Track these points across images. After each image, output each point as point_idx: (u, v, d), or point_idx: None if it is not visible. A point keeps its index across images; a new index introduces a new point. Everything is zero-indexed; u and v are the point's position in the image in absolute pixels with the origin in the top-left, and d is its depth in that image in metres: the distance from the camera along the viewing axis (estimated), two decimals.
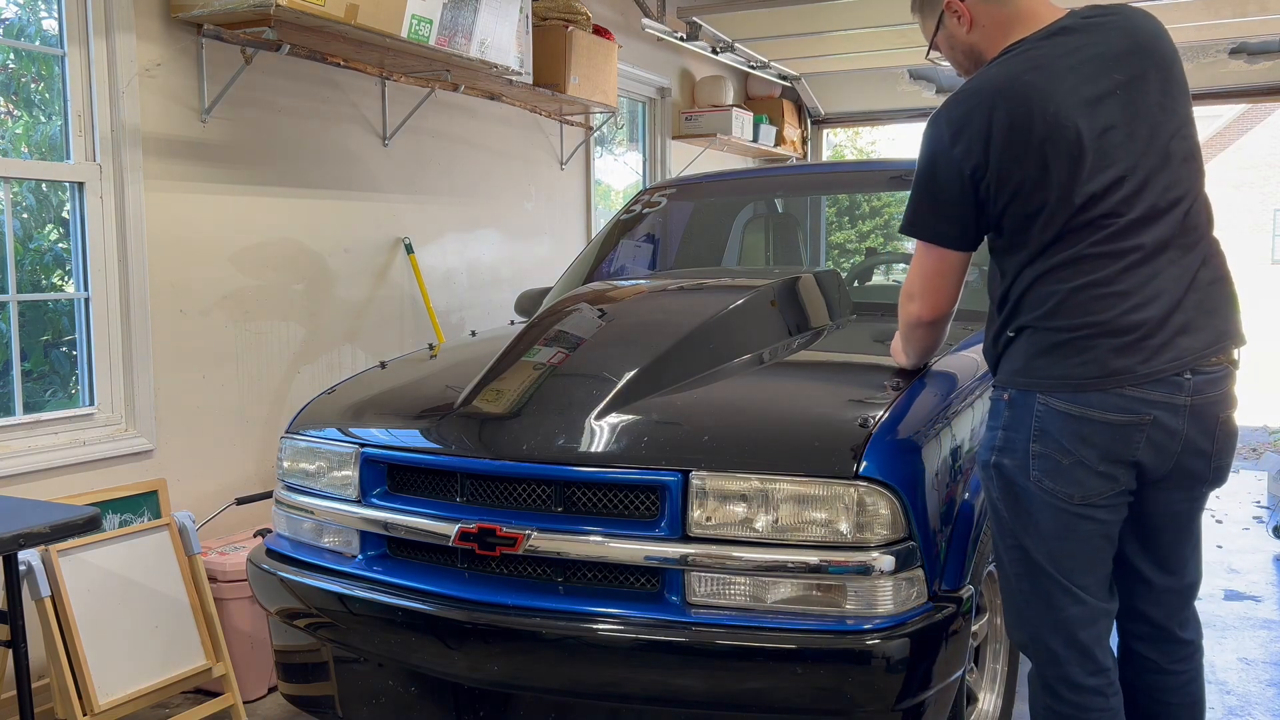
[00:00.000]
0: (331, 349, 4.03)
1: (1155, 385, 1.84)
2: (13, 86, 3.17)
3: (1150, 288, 1.84)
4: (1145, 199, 1.84)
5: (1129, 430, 1.85)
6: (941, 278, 2.04)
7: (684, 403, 2.29)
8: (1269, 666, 3.43)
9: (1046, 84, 1.85)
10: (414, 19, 3.58)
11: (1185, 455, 1.89)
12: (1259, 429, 8.25)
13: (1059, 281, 1.87)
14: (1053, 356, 1.89)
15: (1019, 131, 1.84)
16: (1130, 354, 1.84)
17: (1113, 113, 1.85)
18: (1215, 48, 6.49)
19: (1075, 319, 1.86)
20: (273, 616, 2.56)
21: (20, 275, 3.13)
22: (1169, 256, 1.85)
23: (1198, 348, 1.86)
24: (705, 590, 2.06)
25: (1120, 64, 1.87)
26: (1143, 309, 1.83)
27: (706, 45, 6.28)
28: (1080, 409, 1.86)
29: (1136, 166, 1.84)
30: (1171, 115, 1.89)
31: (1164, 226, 1.86)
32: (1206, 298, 1.88)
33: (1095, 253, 1.85)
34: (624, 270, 3.81)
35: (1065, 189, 1.84)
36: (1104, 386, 1.85)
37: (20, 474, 2.96)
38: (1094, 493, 1.89)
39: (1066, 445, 1.88)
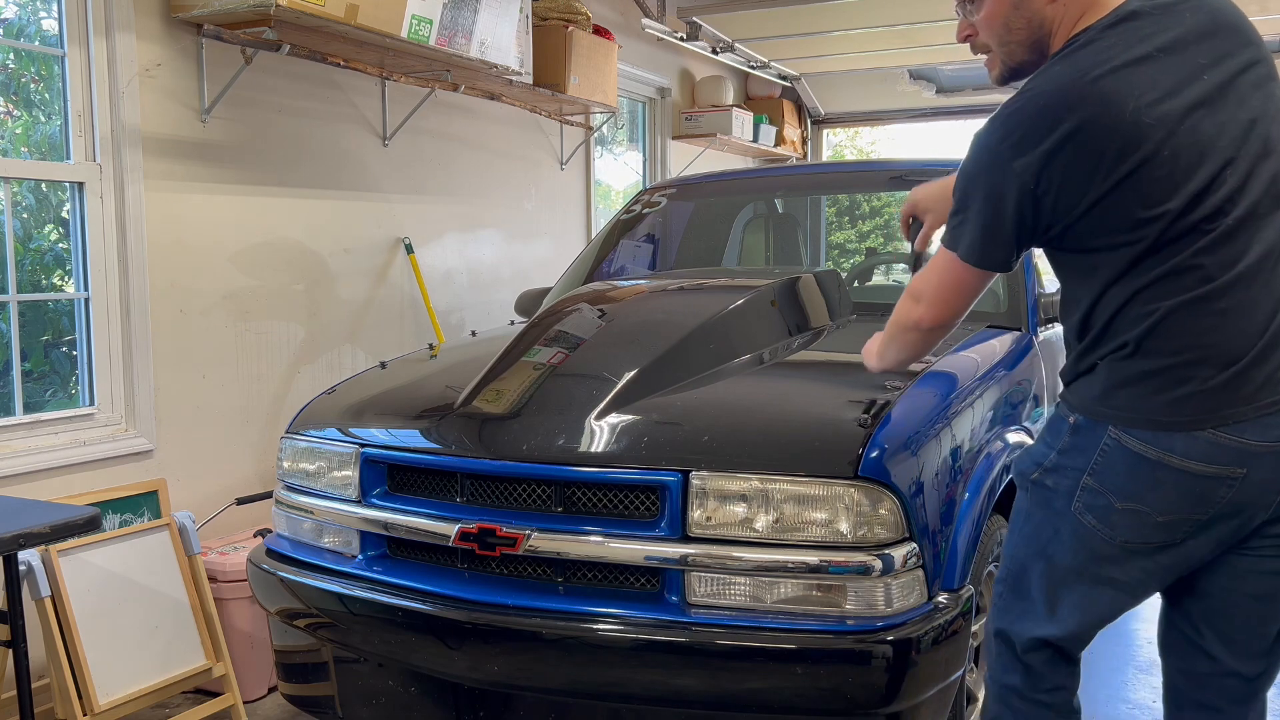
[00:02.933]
0: (331, 349, 4.03)
1: (1259, 429, 1.55)
2: (13, 86, 3.17)
3: (1262, 303, 1.56)
4: (1250, 194, 1.57)
5: (1212, 484, 1.56)
6: (960, 291, 1.78)
7: (684, 403, 2.29)
8: None
9: (1120, 83, 1.58)
10: (414, 19, 3.58)
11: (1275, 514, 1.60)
12: None
13: (1155, 299, 1.59)
14: (1139, 388, 1.61)
15: (1095, 141, 1.57)
16: (1231, 389, 1.55)
17: (1201, 99, 1.58)
18: None
19: (1174, 343, 1.58)
20: (273, 616, 2.56)
21: (20, 275, 3.13)
22: (1274, 267, 1.58)
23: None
24: (705, 590, 2.06)
25: (1202, 46, 1.61)
26: (1252, 332, 1.55)
27: (706, 45, 6.28)
28: (1159, 452, 1.58)
29: (1237, 157, 1.57)
30: (1270, 100, 1.62)
31: (1275, 226, 1.58)
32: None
33: (1199, 263, 1.56)
34: (624, 270, 3.81)
35: (1157, 195, 1.57)
36: (1194, 427, 1.56)
37: (20, 474, 2.96)
38: (1140, 539, 1.63)
39: (1129, 489, 1.62)
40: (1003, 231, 1.67)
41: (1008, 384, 2.71)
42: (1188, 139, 1.56)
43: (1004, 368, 2.74)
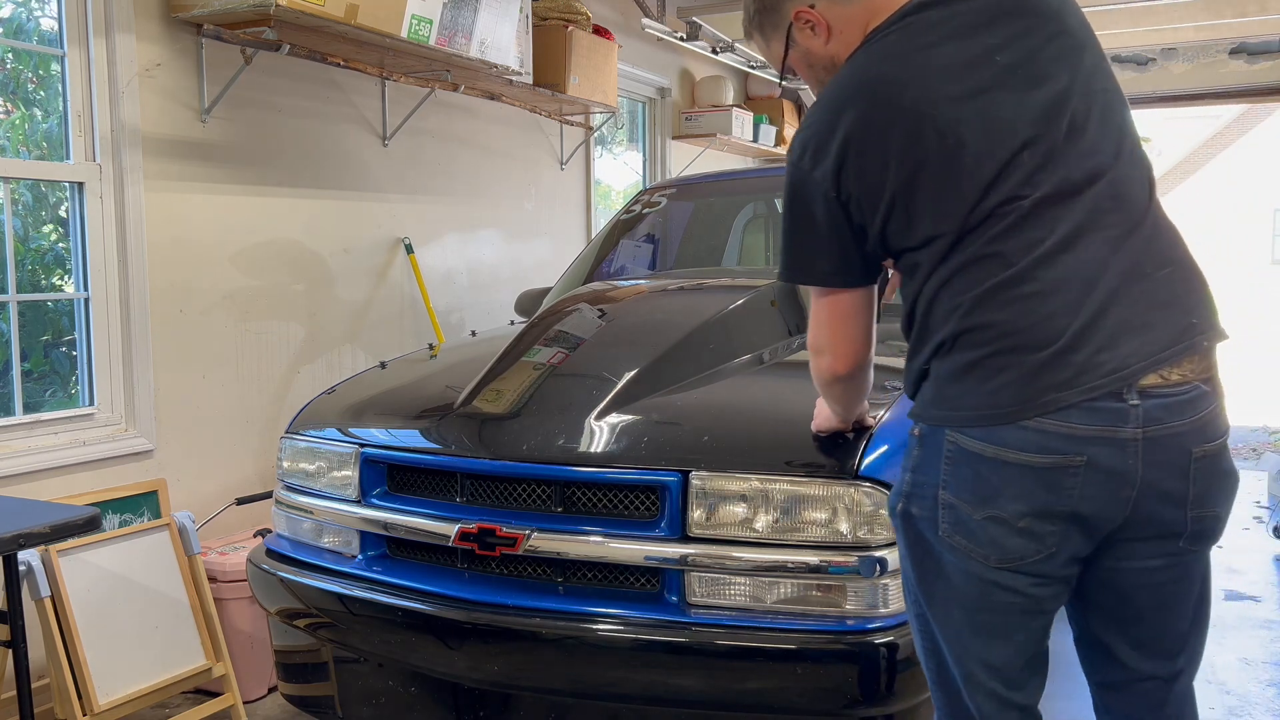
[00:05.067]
0: (331, 349, 4.03)
1: (1087, 414, 1.42)
2: (11, 86, 3.17)
3: (1073, 283, 1.45)
4: (1054, 173, 1.47)
5: (1055, 475, 1.44)
6: (845, 322, 1.66)
7: (684, 403, 2.29)
8: (1269, 667, 3.43)
9: (901, 71, 1.52)
10: (414, 19, 3.58)
11: (1147, 502, 1.46)
12: (1259, 429, 8.25)
13: (962, 291, 1.50)
14: (963, 384, 1.50)
15: (876, 134, 1.51)
16: (1049, 372, 1.43)
17: (992, 82, 1.49)
18: (1215, 48, 6.50)
19: (985, 332, 1.48)
20: (273, 616, 2.56)
21: (20, 275, 3.13)
22: (1095, 240, 1.46)
23: (1147, 353, 1.43)
24: (705, 590, 2.06)
25: (995, 28, 1.52)
26: (1065, 312, 1.44)
27: (706, 45, 6.28)
28: (995, 448, 1.46)
29: (1036, 137, 1.47)
30: (1074, 72, 1.51)
31: (1084, 204, 1.47)
32: (1156, 288, 1.46)
33: (998, 250, 1.48)
34: (624, 270, 3.81)
35: (949, 183, 1.49)
36: (1019, 417, 1.44)
37: (20, 474, 2.96)
38: (1014, 556, 1.48)
39: (982, 494, 1.48)
40: (823, 242, 1.60)
41: None
42: (977, 124, 1.48)
43: None
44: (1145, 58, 6.70)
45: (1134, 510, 1.46)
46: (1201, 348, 1.46)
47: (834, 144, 1.53)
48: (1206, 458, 1.47)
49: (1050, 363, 1.43)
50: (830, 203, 1.57)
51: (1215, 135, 22.20)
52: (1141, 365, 1.42)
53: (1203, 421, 1.46)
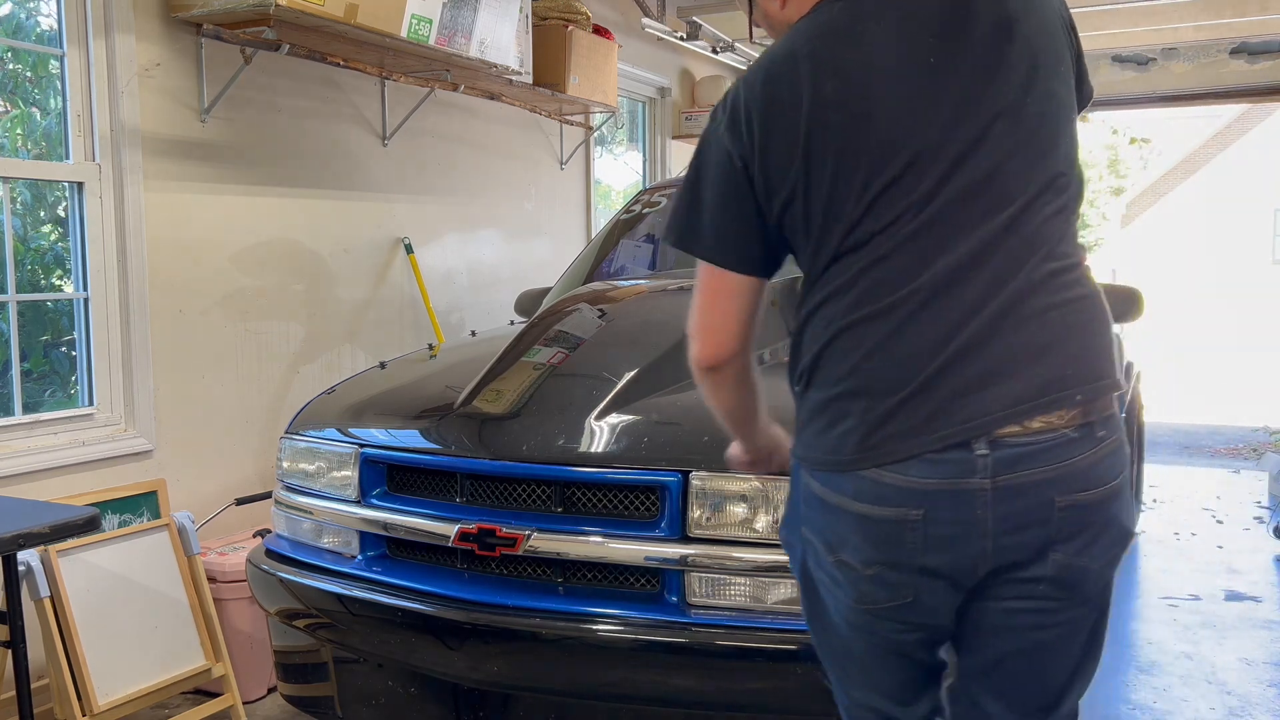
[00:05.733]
0: (331, 349, 4.03)
1: (928, 466, 1.31)
2: (10, 85, 3.17)
3: (940, 324, 1.32)
4: (948, 194, 1.33)
5: (894, 528, 1.33)
6: (719, 303, 1.47)
7: (684, 403, 2.28)
8: (1269, 667, 3.43)
9: (826, 51, 1.37)
10: (414, 19, 3.58)
11: (1005, 552, 1.33)
12: (1259, 429, 8.25)
13: (828, 321, 1.39)
14: (814, 424, 1.41)
15: (789, 111, 1.36)
16: (894, 420, 1.32)
17: (916, 84, 1.35)
18: (1215, 48, 6.49)
19: (837, 370, 1.37)
20: (272, 617, 2.55)
21: (20, 275, 3.13)
22: (979, 277, 1.32)
23: (1007, 402, 1.30)
24: (705, 591, 2.05)
25: (943, 24, 1.36)
26: (925, 353, 1.31)
27: (706, 45, 6.27)
28: (837, 496, 1.38)
29: (938, 153, 1.33)
30: (1006, 85, 1.35)
31: (980, 236, 1.32)
32: (1035, 332, 1.32)
33: (873, 277, 1.34)
34: (624, 270, 3.81)
35: (837, 189, 1.36)
36: (858, 467, 1.34)
37: (20, 474, 2.96)
38: (869, 601, 1.39)
39: (831, 539, 1.40)
40: (730, 221, 1.44)
41: None
42: (890, 126, 1.34)
43: None
44: (1145, 58, 6.70)
45: (996, 558, 1.34)
46: (1074, 401, 1.31)
47: (752, 111, 1.40)
48: (1076, 507, 1.32)
49: (896, 410, 1.32)
50: (735, 171, 1.42)
51: (1215, 135, 22.19)
52: (999, 415, 1.30)
53: (1070, 469, 1.32)
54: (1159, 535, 5.11)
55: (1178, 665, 3.44)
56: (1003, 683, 1.45)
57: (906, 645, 1.43)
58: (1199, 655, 3.53)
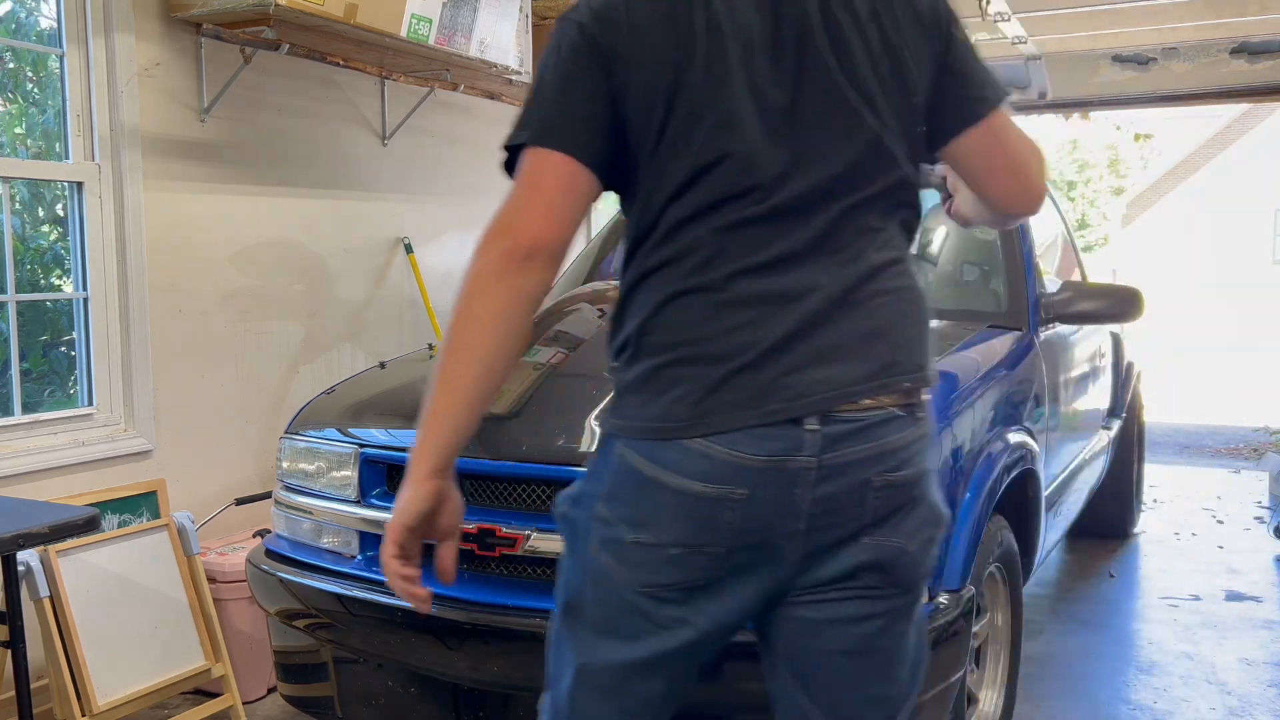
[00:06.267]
0: (331, 349, 4.03)
1: (757, 440, 1.25)
2: (10, 84, 3.16)
3: (775, 300, 1.27)
4: (800, 177, 1.29)
5: (712, 506, 1.26)
6: (544, 192, 1.29)
7: None
8: (1270, 667, 3.43)
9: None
10: (413, 18, 3.57)
11: (817, 535, 1.29)
12: (1259, 429, 8.25)
13: (659, 286, 1.31)
14: (642, 392, 1.31)
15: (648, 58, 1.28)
16: (727, 390, 1.26)
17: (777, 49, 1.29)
18: (1216, 48, 6.49)
19: (666, 339, 1.29)
20: (272, 617, 2.55)
21: (19, 275, 3.13)
22: (815, 261, 1.29)
23: (839, 383, 1.27)
24: None
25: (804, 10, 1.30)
26: (759, 328, 1.26)
27: None
28: (655, 469, 1.28)
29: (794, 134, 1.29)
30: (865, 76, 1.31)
31: (817, 222, 1.29)
32: (865, 317, 1.30)
33: (711, 249, 1.28)
34: None
35: (682, 143, 1.28)
36: (685, 435, 1.26)
37: (19, 474, 2.96)
38: (658, 581, 1.31)
39: (636, 515, 1.31)
40: (579, 106, 1.29)
41: (1009, 384, 2.71)
42: (739, 88, 1.27)
43: (1005, 368, 2.73)
44: (1146, 57, 6.69)
45: (807, 543, 1.29)
46: (901, 388, 1.30)
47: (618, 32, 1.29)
48: (890, 486, 1.30)
49: (729, 379, 1.26)
50: (589, 50, 1.29)
51: (1215, 135, 22.20)
52: (831, 394, 1.26)
53: (889, 447, 1.29)
54: (1159, 535, 5.11)
55: (1178, 665, 3.44)
56: (827, 690, 1.37)
57: (678, 648, 1.34)
58: (1199, 655, 3.52)
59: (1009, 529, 2.56)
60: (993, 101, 1.40)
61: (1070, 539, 4.83)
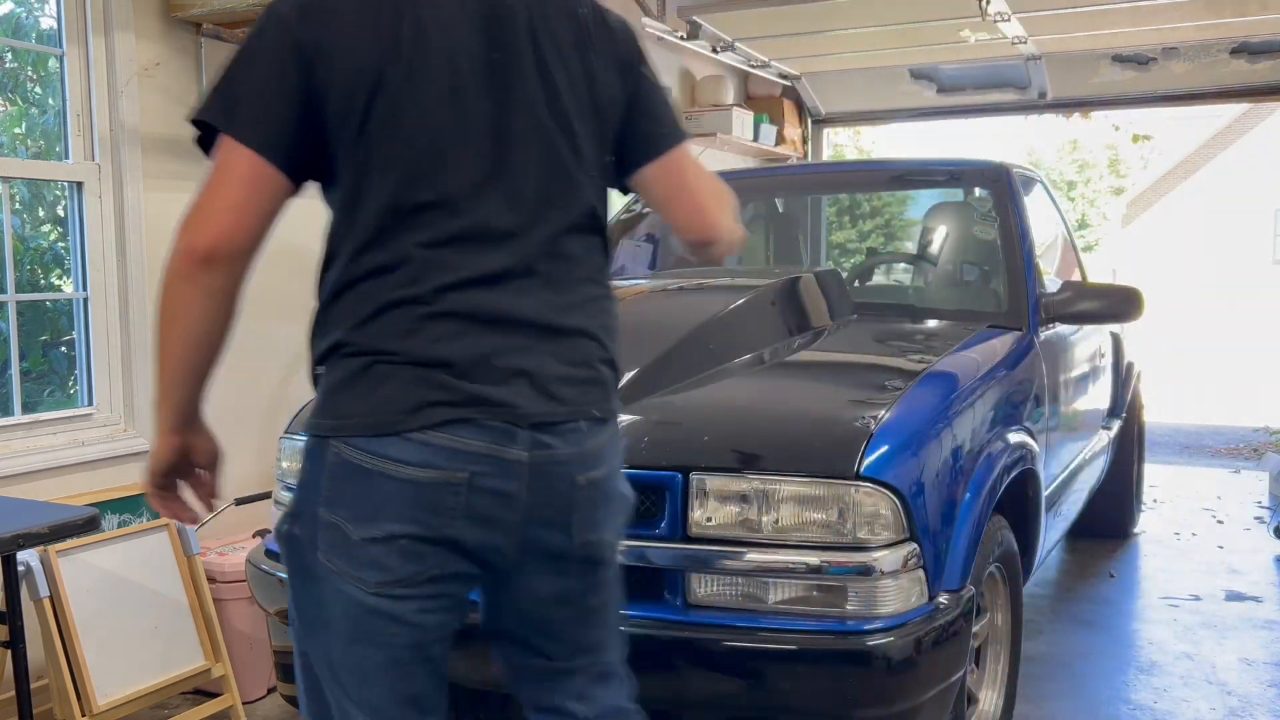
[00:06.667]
0: None
1: (476, 430, 1.33)
2: (10, 84, 3.16)
3: (486, 316, 1.35)
4: (503, 197, 1.36)
5: (437, 492, 1.33)
6: (233, 190, 1.31)
7: (684, 403, 2.28)
8: (1270, 667, 3.43)
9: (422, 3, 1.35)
10: None
11: (533, 528, 1.39)
12: (1259, 429, 8.25)
13: (367, 297, 1.35)
14: (352, 390, 1.35)
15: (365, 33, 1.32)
16: (441, 389, 1.32)
17: (485, 69, 1.36)
18: (1216, 48, 6.49)
19: (380, 343, 1.34)
20: (272, 617, 2.55)
21: (19, 274, 3.13)
22: (525, 281, 1.38)
23: (544, 392, 1.38)
24: (706, 590, 2.05)
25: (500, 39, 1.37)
26: (470, 338, 1.34)
27: (706, 45, 6.27)
28: (378, 461, 1.33)
29: (496, 154, 1.37)
30: (566, 104, 1.40)
31: (527, 239, 1.38)
32: (572, 346, 1.42)
33: (419, 265, 1.33)
34: (624, 270, 3.80)
35: (393, 142, 1.32)
36: (405, 428, 1.32)
37: (19, 474, 2.96)
38: (394, 578, 1.34)
39: (361, 511, 1.34)
40: (271, 100, 1.31)
41: (1009, 384, 2.71)
42: (443, 100, 1.33)
43: (1005, 368, 2.74)
44: (1145, 58, 6.69)
45: (522, 535, 1.39)
46: (601, 398, 1.44)
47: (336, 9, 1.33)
48: (591, 485, 1.43)
49: (444, 382, 1.32)
50: (297, 65, 1.31)
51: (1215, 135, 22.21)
52: (540, 401, 1.37)
53: (589, 451, 1.42)
54: (1159, 535, 5.11)
55: (1178, 665, 3.44)
56: (541, 645, 1.52)
57: (420, 631, 1.38)
58: (1199, 655, 3.52)
59: (1009, 529, 2.56)
60: (674, 139, 1.52)
61: (1070, 539, 4.83)
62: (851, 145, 16.01)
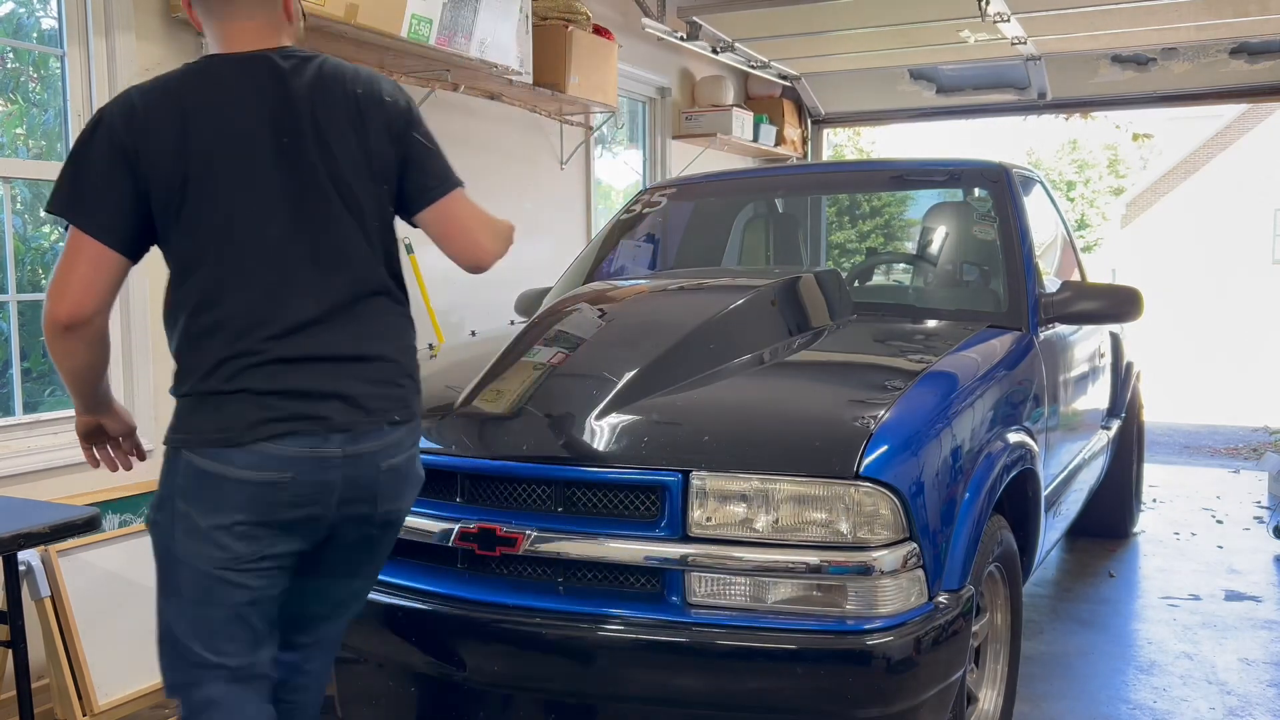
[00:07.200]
0: None
1: (297, 441, 1.70)
2: (11, 84, 3.17)
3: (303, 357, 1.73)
4: (302, 257, 1.74)
5: (269, 490, 1.70)
6: (78, 270, 1.68)
7: (684, 403, 2.28)
8: (1270, 667, 3.43)
9: (204, 103, 1.72)
10: (414, 18, 3.58)
11: (347, 505, 1.78)
12: (1259, 429, 8.26)
13: (212, 350, 1.72)
14: (201, 412, 1.72)
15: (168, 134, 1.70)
16: (268, 410, 1.70)
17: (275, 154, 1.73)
18: (1215, 48, 6.49)
19: (222, 384, 1.70)
20: None
21: (20, 274, 3.13)
22: (333, 323, 1.75)
23: (347, 403, 1.75)
24: (706, 590, 2.06)
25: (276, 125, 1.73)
26: (293, 373, 1.72)
27: (706, 45, 6.27)
28: (221, 467, 1.69)
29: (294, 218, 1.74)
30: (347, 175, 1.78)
31: (329, 292, 1.76)
32: (375, 369, 1.79)
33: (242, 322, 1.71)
34: (624, 270, 3.81)
35: (202, 222, 1.71)
36: (244, 442, 1.68)
37: (20, 474, 2.96)
38: (233, 556, 1.72)
39: (208, 505, 1.71)
40: (93, 178, 1.68)
41: (1008, 384, 2.71)
42: (243, 184, 1.72)
43: (1004, 368, 2.74)
44: (1145, 58, 6.70)
45: (338, 510, 1.77)
46: (396, 407, 1.81)
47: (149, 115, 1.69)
48: (391, 469, 1.81)
49: (272, 405, 1.70)
50: (121, 152, 1.68)
51: (1215, 135, 22.21)
52: (343, 422, 1.73)
53: (389, 443, 1.80)
54: (1159, 535, 5.11)
55: (1177, 665, 3.45)
56: (334, 593, 1.94)
57: (253, 591, 1.76)
58: (1199, 655, 3.53)
59: (1008, 528, 2.57)
60: (441, 190, 1.91)
61: (1070, 539, 4.83)
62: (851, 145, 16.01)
